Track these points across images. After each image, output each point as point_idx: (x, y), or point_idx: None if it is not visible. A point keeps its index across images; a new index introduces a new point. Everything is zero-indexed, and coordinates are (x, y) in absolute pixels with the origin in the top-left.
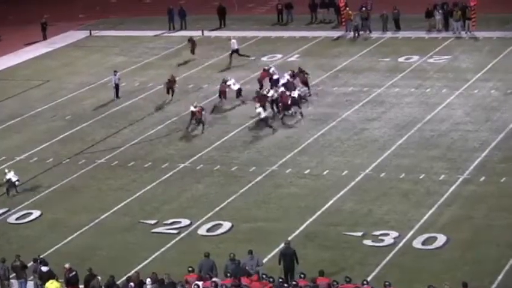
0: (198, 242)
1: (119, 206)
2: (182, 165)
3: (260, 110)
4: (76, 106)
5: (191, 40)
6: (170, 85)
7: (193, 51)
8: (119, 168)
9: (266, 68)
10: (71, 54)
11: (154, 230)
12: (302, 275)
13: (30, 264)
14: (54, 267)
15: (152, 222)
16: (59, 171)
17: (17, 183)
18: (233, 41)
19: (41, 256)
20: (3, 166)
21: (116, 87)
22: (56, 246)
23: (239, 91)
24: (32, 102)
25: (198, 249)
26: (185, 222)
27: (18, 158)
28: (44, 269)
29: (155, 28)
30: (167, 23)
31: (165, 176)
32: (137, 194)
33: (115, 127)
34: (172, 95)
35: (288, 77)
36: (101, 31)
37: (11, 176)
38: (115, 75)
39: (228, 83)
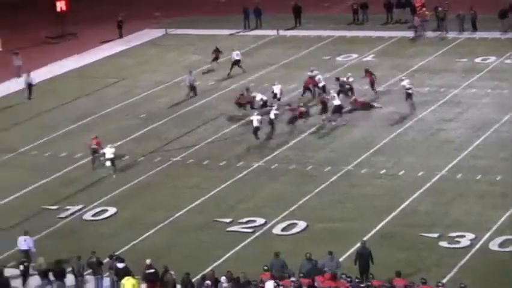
0: (273, 241)
1: (194, 204)
2: (257, 164)
3: (255, 117)
4: (150, 104)
5: (217, 50)
6: (240, 100)
7: (216, 59)
8: (194, 166)
9: (311, 74)
10: (146, 52)
11: (229, 229)
12: (371, 275)
13: (106, 260)
14: (129, 264)
15: (227, 220)
16: (135, 168)
17: (107, 163)
18: (236, 52)
19: (117, 253)
20: (80, 163)
21: (191, 87)
22: (132, 244)
23: (265, 103)
24: (107, 100)
25: (272, 248)
26: (260, 221)
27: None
28: (120, 265)
29: (230, 27)
30: (243, 22)
31: (240, 175)
32: (212, 193)
33: (189, 126)
34: (245, 108)
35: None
36: (177, 29)
37: (108, 152)
38: (190, 74)
39: (253, 94)
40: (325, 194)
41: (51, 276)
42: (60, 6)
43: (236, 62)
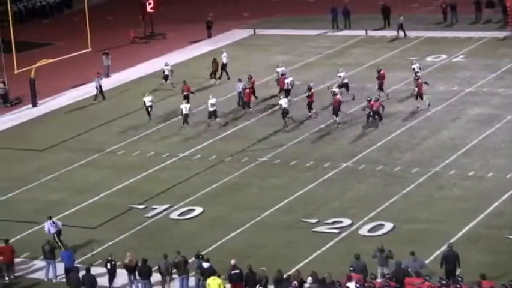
0: (359, 242)
1: (280, 204)
2: (345, 164)
3: (183, 106)
4: (237, 104)
5: (215, 61)
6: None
7: (213, 74)
8: (281, 166)
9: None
10: (234, 52)
11: (315, 229)
12: (459, 278)
13: (191, 260)
14: (215, 264)
15: (314, 221)
16: (222, 168)
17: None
18: (224, 54)
19: (202, 253)
20: (167, 163)
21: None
22: (218, 243)
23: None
24: (194, 99)
25: (358, 249)
26: (346, 222)
27: (181, 155)
28: (206, 265)
29: (318, 27)
30: (331, 22)
31: (327, 175)
32: (299, 193)
33: (277, 126)
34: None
35: None
36: (265, 30)
37: (147, 100)
38: (240, 82)
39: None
40: (412, 196)
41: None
42: (150, 6)
43: (224, 66)
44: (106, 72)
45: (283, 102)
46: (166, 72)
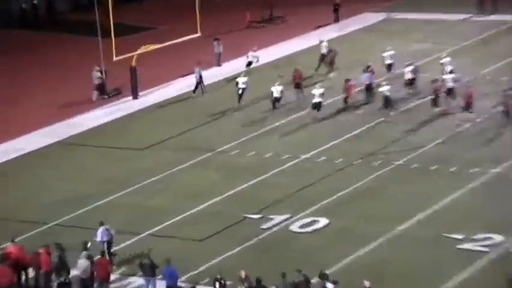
0: None
1: (419, 215)
2: (493, 170)
3: (275, 88)
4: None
5: (332, 51)
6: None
7: (330, 65)
8: (419, 171)
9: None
10: (364, 39)
11: (460, 246)
12: None
13: (314, 280)
14: (343, 285)
15: (459, 236)
16: (351, 172)
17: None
18: (325, 43)
19: (327, 271)
20: (287, 165)
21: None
22: (345, 260)
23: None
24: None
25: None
26: (497, 238)
27: (303, 157)
28: (331, 286)
29: (461, 11)
30: (476, 5)
31: (473, 184)
32: (441, 203)
33: (412, 124)
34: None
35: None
36: (400, 13)
37: (241, 82)
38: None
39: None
40: None
41: None
42: None
43: (323, 57)
44: (217, 60)
45: (385, 89)
46: (250, 59)
